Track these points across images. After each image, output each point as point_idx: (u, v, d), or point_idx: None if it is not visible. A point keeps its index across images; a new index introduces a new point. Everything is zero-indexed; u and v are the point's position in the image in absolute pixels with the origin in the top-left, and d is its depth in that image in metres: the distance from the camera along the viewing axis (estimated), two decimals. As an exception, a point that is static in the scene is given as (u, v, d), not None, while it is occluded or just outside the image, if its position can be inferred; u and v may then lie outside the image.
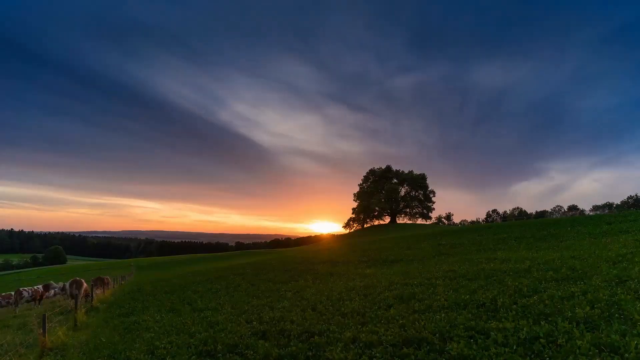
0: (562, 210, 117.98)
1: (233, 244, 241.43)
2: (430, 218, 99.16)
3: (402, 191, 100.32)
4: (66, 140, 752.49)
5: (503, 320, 6.32)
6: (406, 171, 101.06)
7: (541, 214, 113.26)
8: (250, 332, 7.99)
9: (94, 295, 17.81)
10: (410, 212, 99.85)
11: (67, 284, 18.75)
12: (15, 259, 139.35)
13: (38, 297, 20.71)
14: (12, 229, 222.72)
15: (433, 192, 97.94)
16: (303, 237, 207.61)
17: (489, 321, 6.40)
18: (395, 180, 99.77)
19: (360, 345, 6.21)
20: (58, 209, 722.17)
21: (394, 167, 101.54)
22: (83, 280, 17.96)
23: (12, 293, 20.18)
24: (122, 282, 29.80)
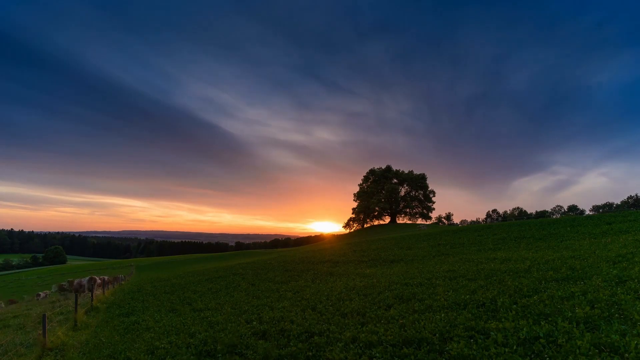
0: (562, 210, 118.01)
1: (233, 244, 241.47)
2: (430, 218, 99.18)
3: (402, 191, 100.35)
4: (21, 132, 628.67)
5: (503, 320, 6.32)
6: (406, 171, 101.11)
7: (541, 214, 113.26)
8: (250, 332, 7.99)
9: (93, 295, 17.80)
10: (410, 212, 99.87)
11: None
12: (15, 259, 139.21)
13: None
14: (12, 229, 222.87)
15: (433, 192, 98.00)
16: (303, 237, 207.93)
17: (489, 321, 6.40)
18: (395, 180, 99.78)
19: (360, 345, 6.21)
20: (43, 208, 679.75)
21: (394, 167, 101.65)
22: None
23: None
24: (122, 283, 29.79)
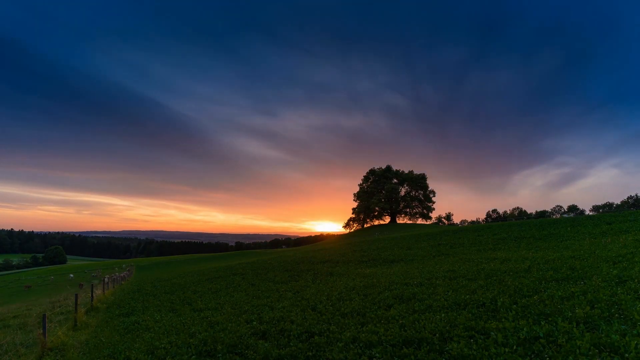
0: (562, 210, 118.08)
1: (233, 244, 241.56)
2: (430, 218, 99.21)
3: (402, 191, 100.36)
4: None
5: (503, 320, 6.32)
6: (406, 171, 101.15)
7: (541, 214, 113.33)
8: (250, 332, 7.99)
9: (93, 295, 17.79)
10: (410, 212, 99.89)
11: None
12: (15, 259, 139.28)
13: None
14: (12, 229, 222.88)
15: (433, 192, 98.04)
16: (303, 237, 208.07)
17: (489, 321, 6.40)
18: (395, 180, 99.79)
19: (360, 345, 6.21)
20: (24, 207, 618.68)
21: (394, 167, 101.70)
22: None
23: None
24: (122, 283, 29.79)
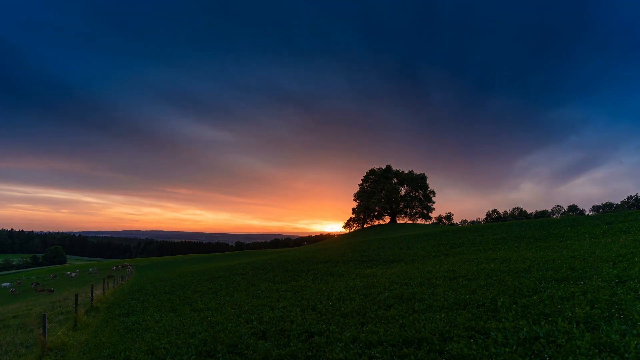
0: (562, 210, 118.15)
1: (233, 244, 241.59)
2: (430, 218, 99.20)
3: (402, 191, 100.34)
4: None
5: (503, 320, 6.32)
6: (406, 171, 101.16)
7: (541, 214, 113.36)
8: (250, 332, 7.99)
9: (93, 295, 17.79)
10: (410, 212, 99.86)
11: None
12: (15, 259, 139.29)
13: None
14: (12, 229, 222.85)
15: (433, 192, 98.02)
16: (303, 237, 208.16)
17: (489, 321, 6.40)
18: (395, 180, 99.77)
19: (360, 345, 6.21)
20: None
21: (394, 167, 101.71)
22: None
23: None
24: (122, 283, 29.79)
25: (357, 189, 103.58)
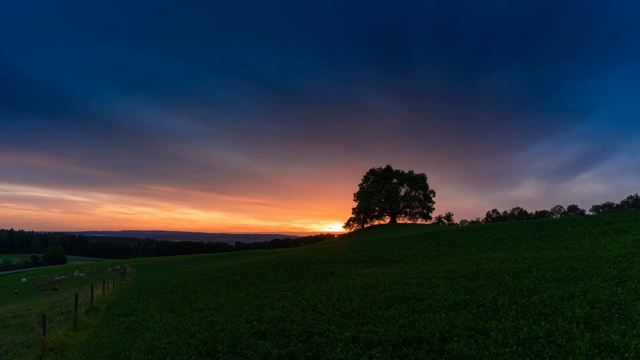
0: (562, 210, 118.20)
1: (233, 244, 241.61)
2: (430, 218, 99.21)
3: (402, 191, 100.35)
4: None
5: (503, 320, 6.32)
6: (406, 171, 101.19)
7: (541, 214, 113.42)
8: (250, 332, 7.99)
9: (93, 295, 17.80)
10: (410, 212, 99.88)
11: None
12: (15, 259, 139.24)
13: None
14: (12, 229, 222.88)
15: (433, 192, 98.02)
16: (303, 237, 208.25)
17: (489, 321, 6.40)
18: (395, 180, 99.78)
19: (360, 345, 6.21)
20: None
21: (394, 167, 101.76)
22: None
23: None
24: (122, 283, 29.79)
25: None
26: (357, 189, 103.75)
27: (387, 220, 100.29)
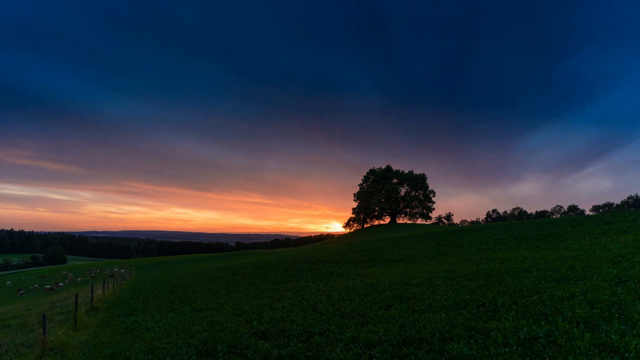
0: (562, 210, 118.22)
1: (233, 244, 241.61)
2: (430, 218, 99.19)
3: (402, 191, 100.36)
4: None
5: (503, 320, 6.32)
6: (406, 171, 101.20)
7: (541, 214, 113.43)
8: (250, 332, 7.99)
9: (93, 295, 17.80)
10: (410, 212, 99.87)
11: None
12: (15, 259, 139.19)
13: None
14: (12, 229, 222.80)
15: (433, 192, 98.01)
16: (303, 237, 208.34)
17: (489, 321, 6.40)
18: (395, 180, 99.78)
19: (360, 345, 6.21)
20: None
21: (394, 167, 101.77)
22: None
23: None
24: (122, 283, 29.79)
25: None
26: (355, 187, 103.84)
27: (387, 220, 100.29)
